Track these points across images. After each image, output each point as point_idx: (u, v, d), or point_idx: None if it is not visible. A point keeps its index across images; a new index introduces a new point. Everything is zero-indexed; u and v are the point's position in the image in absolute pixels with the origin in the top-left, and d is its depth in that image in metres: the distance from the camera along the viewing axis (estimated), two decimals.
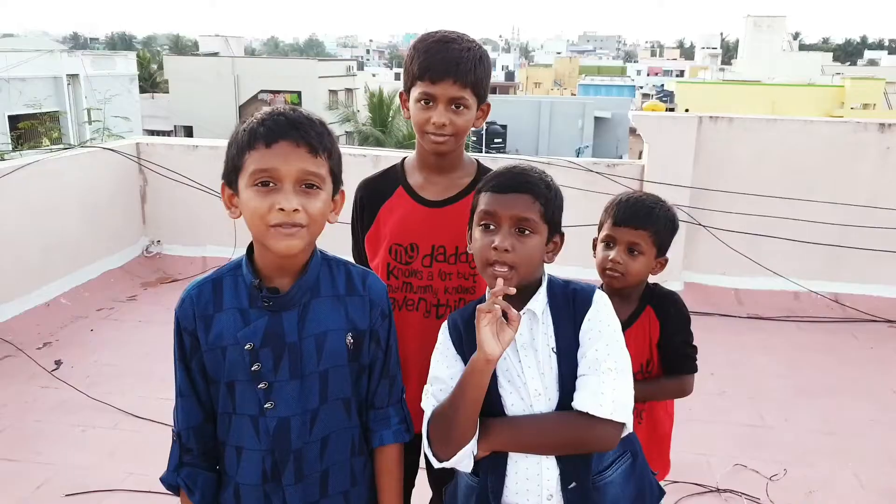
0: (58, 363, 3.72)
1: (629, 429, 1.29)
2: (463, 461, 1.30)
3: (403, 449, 1.41)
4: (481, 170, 1.73)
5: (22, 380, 3.53)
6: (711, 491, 2.74)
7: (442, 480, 1.82)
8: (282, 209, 1.18)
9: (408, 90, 1.65)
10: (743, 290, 4.76)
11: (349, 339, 1.30)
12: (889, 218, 4.54)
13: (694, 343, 1.82)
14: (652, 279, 1.84)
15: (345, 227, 1.71)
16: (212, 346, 1.27)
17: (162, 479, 1.35)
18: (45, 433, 3.07)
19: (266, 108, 1.26)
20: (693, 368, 1.81)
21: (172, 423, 1.35)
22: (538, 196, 1.32)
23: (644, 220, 1.73)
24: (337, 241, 1.71)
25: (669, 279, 4.76)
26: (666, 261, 1.80)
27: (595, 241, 1.83)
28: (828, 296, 4.65)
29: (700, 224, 4.71)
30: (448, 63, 1.56)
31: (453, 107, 1.59)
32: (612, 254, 1.74)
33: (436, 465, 1.32)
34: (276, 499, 1.29)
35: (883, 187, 4.58)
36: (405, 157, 1.78)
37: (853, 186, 4.59)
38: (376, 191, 1.74)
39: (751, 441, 3.10)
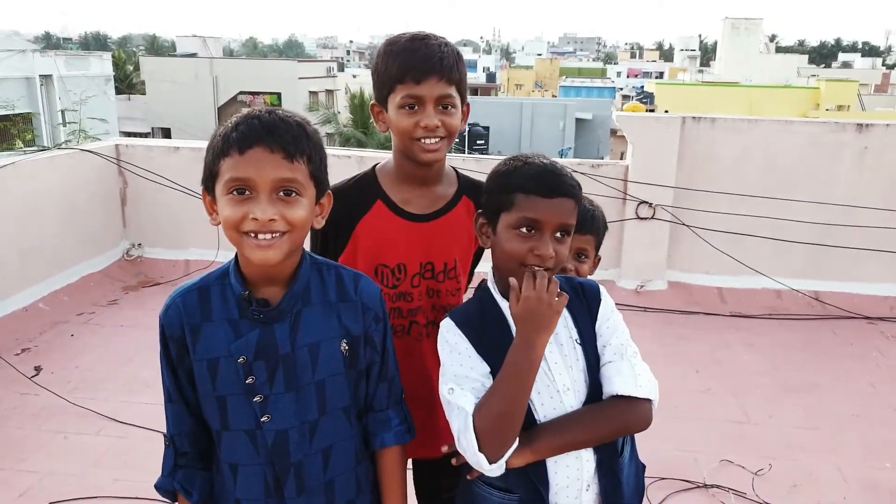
0: (37, 369, 3.65)
1: (656, 406, 1.34)
2: (502, 465, 1.24)
3: (405, 450, 1.39)
4: (461, 178, 1.63)
5: (0, 386, 3.46)
6: (699, 486, 2.77)
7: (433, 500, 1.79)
8: (255, 219, 1.13)
9: (384, 98, 1.49)
10: (726, 289, 4.81)
11: (343, 345, 1.27)
12: (867, 217, 4.62)
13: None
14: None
15: None
16: (201, 357, 1.23)
17: (157, 486, 1.32)
18: (27, 440, 3.01)
19: (243, 111, 1.20)
20: None
21: (164, 427, 1.33)
22: (578, 200, 1.31)
23: (590, 225, 1.70)
24: None
25: (654, 278, 4.82)
26: (600, 259, 1.79)
27: None
28: (809, 294, 4.72)
29: (684, 224, 4.76)
30: (431, 60, 1.43)
31: (441, 107, 1.45)
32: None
33: (485, 469, 1.24)
34: None
35: (861, 187, 4.66)
36: (376, 166, 1.62)
37: (832, 186, 4.67)
38: (349, 204, 1.52)
39: (736, 437, 3.14)
